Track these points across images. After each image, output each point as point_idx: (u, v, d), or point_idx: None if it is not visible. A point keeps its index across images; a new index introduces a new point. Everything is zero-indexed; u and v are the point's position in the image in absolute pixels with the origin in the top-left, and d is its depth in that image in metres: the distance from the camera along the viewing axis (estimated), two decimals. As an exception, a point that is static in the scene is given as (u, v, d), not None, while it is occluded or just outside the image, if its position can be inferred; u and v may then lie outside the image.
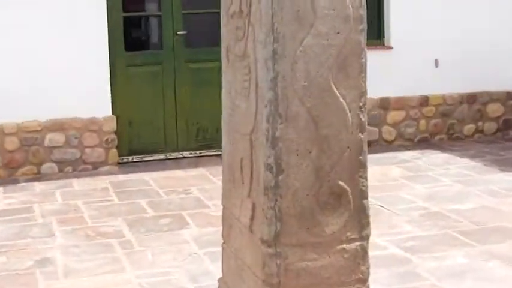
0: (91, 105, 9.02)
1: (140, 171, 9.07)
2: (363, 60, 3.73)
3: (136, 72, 9.36)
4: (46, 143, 9.00)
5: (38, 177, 8.89)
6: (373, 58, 9.83)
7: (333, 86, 3.66)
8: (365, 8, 3.73)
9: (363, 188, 3.84)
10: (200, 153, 9.74)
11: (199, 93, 9.62)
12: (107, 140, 9.16)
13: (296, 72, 3.60)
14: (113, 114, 9.19)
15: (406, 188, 8.02)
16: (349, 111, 3.71)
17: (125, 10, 9.37)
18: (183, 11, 9.55)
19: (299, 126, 3.63)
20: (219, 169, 4.66)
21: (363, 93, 3.75)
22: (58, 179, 8.81)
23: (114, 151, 9.21)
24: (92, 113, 9.06)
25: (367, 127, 4.94)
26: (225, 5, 4.15)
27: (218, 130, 9.49)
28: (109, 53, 9.10)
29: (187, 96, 9.59)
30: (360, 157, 3.79)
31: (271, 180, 3.66)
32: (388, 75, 10.03)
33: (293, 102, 3.61)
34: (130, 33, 9.66)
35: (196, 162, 9.48)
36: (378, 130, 10.13)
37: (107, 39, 9.04)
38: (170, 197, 7.85)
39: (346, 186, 3.77)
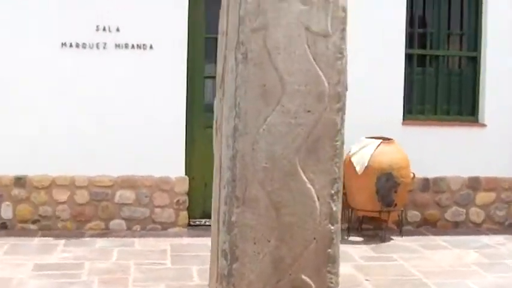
0: (164, 164, 8.90)
1: (208, 236, 8.79)
2: (338, 143, 3.35)
3: (213, 134, 9.16)
4: (116, 199, 8.93)
5: (105, 232, 8.82)
6: (466, 135, 9.46)
7: (299, 169, 3.30)
8: (345, 84, 3.36)
9: (332, 285, 3.43)
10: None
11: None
12: (178, 201, 9.01)
13: (257, 152, 3.27)
14: (186, 175, 9.03)
15: (474, 276, 7.40)
16: (318, 199, 3.33)
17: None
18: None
19: (258, 212, 3.29)
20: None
21: (336, 179, 3.35)
22: (124, 236, 8.69)
23: (184, 213, 9.05)
24: (164, 172, 8.94)
25: (456, 208, 4.12)
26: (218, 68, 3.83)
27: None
28: (186, 113, 8.98)
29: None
30: (329, 250, 3.40)
31: (225, 268, 3.34)
32: (480, 153, 9.48)
33: (252, 185, 3.28)
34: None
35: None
36: (465, 211, 9.51)
37: (184, 99, 8.93)
38: (223, 266, 7.53)
39: (310, 282, 3.38)
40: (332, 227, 3.36)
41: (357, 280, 7.21)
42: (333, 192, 3.35)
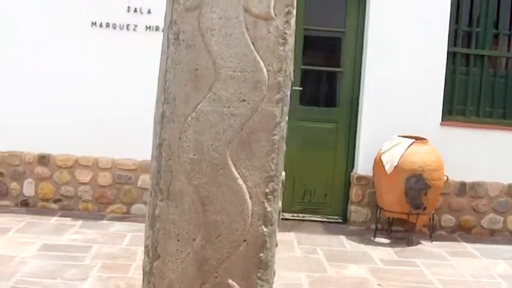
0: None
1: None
2: (276, 137, 3.04)
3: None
4: (139, 183, 8.76)
5: (126, 216, 8.67)
6: (508, 140, 8.97)
7: (230, 163, 3.01)
8: (288, 73, 3.04)
9: (262, 293, 3.13)
10: (303, 216, 9.13)
11: (310, 154, 9.03)
12: (201, 189, 8.77)
13: (185, 142, 3.00)
14: (211, 163, 8.78)
15: (496, 290, 6.97)
16: (250, 198, 3.03)
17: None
18: (302, 66, 8.97)
19: (183, 207, 3.02)
20: (313, 237, 4.20)
21: (272, 177, 3.05)
22: (143, 222, 8.50)
23: (207, 201, 8.79)
24: (189, 159, 8.71)
25: (493, 215, 3.68)
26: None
27: (327, 195, 8.92)
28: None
29: (298, 156, 8.96)
30: (261, 254, 3.10)
31: (146, 265, 3.08)
32: (522, 159, 8.97)
33: (178, 177, 3.00)
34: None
35: (295, 225, 8.86)
36: (503, 219, 9.01)
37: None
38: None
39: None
40: (265, 229, 3.06)
41: (368, 284, 6.87)
42: (267, 191, 3.04)
